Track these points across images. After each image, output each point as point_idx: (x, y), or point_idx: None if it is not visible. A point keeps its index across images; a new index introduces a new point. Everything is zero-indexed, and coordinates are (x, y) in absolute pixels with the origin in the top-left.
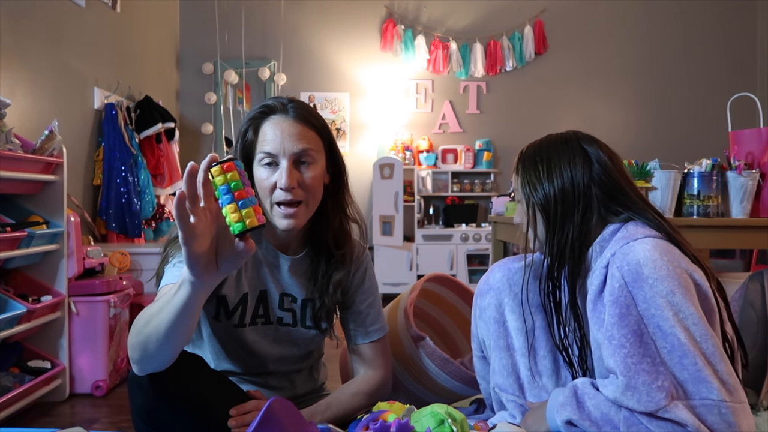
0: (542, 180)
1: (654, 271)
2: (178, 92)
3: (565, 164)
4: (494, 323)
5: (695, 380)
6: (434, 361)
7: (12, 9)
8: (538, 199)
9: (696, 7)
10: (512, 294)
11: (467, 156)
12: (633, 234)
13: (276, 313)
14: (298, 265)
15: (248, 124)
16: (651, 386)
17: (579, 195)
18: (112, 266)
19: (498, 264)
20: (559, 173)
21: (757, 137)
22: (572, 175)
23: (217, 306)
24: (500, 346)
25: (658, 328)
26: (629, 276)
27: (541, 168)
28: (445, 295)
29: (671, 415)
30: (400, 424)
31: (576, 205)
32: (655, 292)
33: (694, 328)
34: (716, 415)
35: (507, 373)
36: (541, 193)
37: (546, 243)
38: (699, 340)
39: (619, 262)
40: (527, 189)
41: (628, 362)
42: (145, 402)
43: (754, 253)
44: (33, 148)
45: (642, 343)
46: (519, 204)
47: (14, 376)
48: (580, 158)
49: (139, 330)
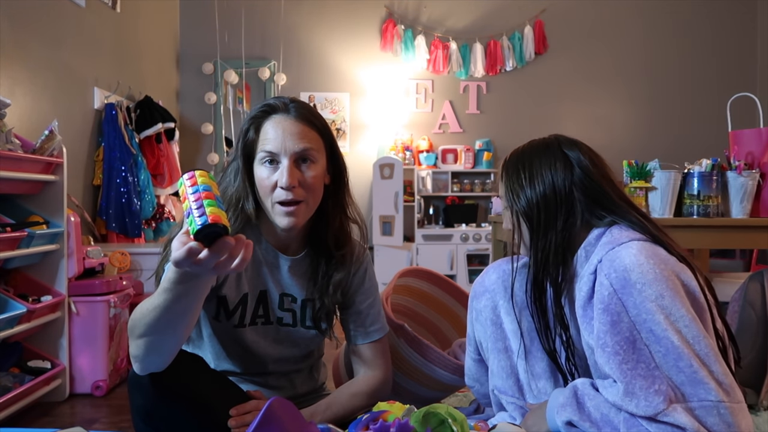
0: (524, 187)
1: (641, 276)
2: (178, 92)
3: (546, 170)
4: (491, 325)
5: (692, 382)
6: (415, 348)
7: (12, 9)
8: (521, 206)
9: (696, 6)
10: (507, 296)
11: (467, 156)
12: (618, 238)
13: (276, 313)
14: (298, 266)
15: (250, 122)
16: (648, 391)
17: (561, 200)
18: (112, 266)
19: (492, 265)
20: (541, 179)
21: (757, 137)
22: (553, 181)
23: (218, 306)
24: (498, 348)
25: (651, 333)
26: (617, 283)
27: (523, 175)
28: (428, 289)
29: (670, 418)
30: (400, 424)
31: (558, 211)
32: (644, 297)
33: (686, 330)
34: (715, 416)
35: (506, 375)
36: (524, 199)
37: (530, 249)
38: (692, 342)
39: (606, 269)
40: (510, 196)
41: (624, 368)
42: (145, 402)
43: (754, 253)
44: (33, 148)
45: (635, 350)
46: (505, 210)
47: (14, 376)
48: (561, 163)
49: (135, 325)
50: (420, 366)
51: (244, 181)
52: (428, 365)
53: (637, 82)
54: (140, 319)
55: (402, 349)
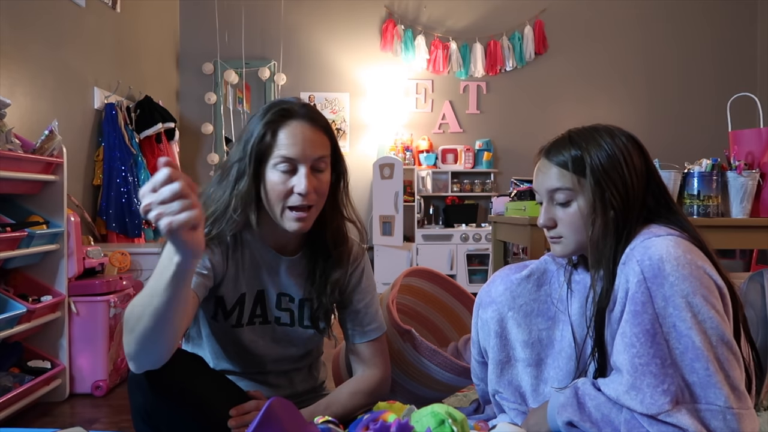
0: (623, 183)
1: (676, 269)
2: (178, 92)
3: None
4: (495, 337)
5: (704, 385)
6: (422, 353)
7: (12, 9)
8: (614, 202)
9: (696, 7)
10: (516, 306)
11: (467, 156)
12: (656, 231)
13: (274, 312)
14: (296, 266)
15: (266, 127)
16: (656, 389)
17: (635, 198)
18: (112, 266)
19: (499, 274)
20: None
21: (757, 137)
22: (634, 183)
23: (215, 306)
24: (500, 359)
25: (674, 328)
26: (649, 271)
27: (620, 172)
28: (429, 289)
29: (673, 419)
30: (400, 424)
31: (633, 208)
32: (675, 290)
33: (711, 332)
34: (720, 421)
35: (506, 384)
36: (618, 197)
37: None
38: (715, 345)
39: (639, 256)
40: (599, 189)
41: (636, 362)
42: (145, 402)
43: (754, 253)
44: (33, 148)
45: (654, 343)
46: (546, 203)
47: (14, 376)
48: (642, 165)
49: (129, 318)
50: (425, 369)
51: (251, 183)
52: (435, 369)
53: (637, 82)
54: (135, 319)
55: (408, 354)
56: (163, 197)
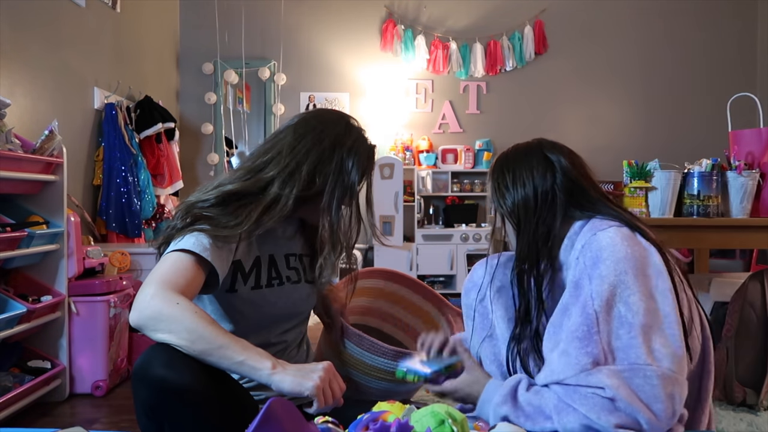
0: (509, 189)
1: (612, 254)
2: (178, 92)
3: (528, 173)
4: (478, 316)
5: (626, 347)
6: (351, 340)
7: (12, 9)
8: (507, 208)
9: (696, 6)
10: (494, 287)
11: (467, 156)
12: (598, 225)
13: (284, 273)
14: (296, 242)
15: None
16: (581, 351)
17: (543, 201)
18: (112, 266)
19: (479, 262)
20: (522, 182)
21: (757, 137)
22: (535, 183)
23: (234, 272)
24: (483, 336)
25: (605, 302)
26: (590, 261)
27: (507, 178)
28: (402, 293)
29: (593, 379)
30: (400, 424)
31: (541, 211)
32: (610, 270)
33: (638, 304)
34: (641, 378)
35: (489, 361)
36: (509, 201)
37: (516, 247)
38: (641, 313)
39: (586, 252)
40: (497, 199)
41: (569, 332)
42: (149, 397)
43: (754, 253)
44: (33, 148)
45: (584, 314)
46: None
47: (14, 376)
48: (542, 166)
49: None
50: (362, 358)
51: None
52: (368, 354)
53: (637, 82)
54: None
55: (348, 348)
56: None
